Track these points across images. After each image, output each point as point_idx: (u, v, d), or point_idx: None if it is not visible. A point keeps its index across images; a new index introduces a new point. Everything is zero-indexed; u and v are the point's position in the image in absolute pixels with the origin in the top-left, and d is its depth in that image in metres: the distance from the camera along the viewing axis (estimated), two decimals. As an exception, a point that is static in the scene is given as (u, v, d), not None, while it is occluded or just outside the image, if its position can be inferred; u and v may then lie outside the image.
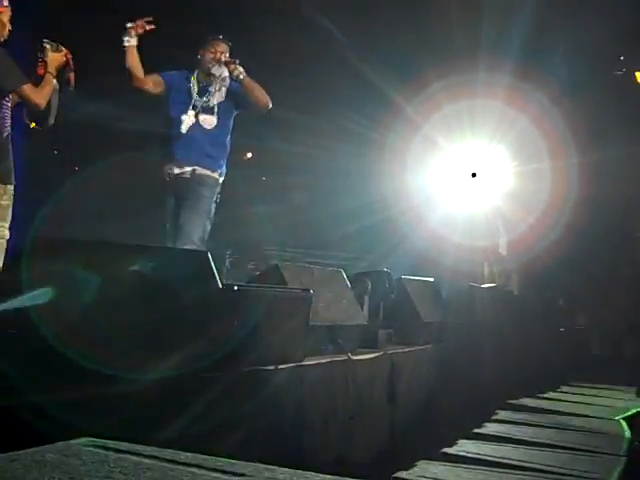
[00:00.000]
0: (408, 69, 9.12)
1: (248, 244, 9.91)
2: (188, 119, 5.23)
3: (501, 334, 6.55)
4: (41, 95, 4.18)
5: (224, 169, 5.38)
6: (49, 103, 4.25)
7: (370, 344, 4.60)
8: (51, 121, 4.34)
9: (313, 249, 9.94)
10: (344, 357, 3.93)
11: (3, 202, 4.13)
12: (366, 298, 4.87)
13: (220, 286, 3.02)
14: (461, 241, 9.82)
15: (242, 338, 3.09)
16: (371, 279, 5.00)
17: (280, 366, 3.36)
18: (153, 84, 5.29)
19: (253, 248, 9.98)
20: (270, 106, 5.36)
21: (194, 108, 5.27)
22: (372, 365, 4.25)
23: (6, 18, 4.19)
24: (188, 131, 5.23)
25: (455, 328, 5.79)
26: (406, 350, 4.92)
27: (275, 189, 11.32)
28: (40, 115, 4.28)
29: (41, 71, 4.26)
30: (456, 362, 5.57)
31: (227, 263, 9.47)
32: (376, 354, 4.40)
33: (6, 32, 4.19)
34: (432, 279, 6.17)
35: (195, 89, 5.34)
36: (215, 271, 3.06)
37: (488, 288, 7.97)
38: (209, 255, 3.09)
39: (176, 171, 5.25)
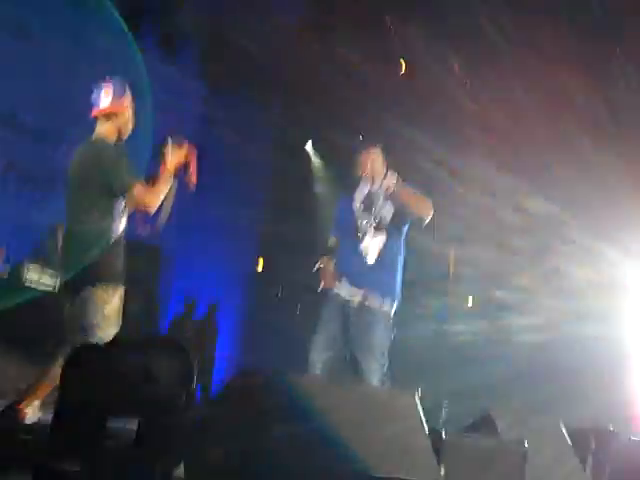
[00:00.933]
0: None
1: (464, 394, 9.58)
2: (353, 241, 4.79)
3: None
4: (152, 196, 3.84)
5: (396, 297, 4.77)
6: (162, 204, 3.89)
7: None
8: (162, 224, 3.96)
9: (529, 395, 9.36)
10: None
11: (113, 304, 3.79)
12: (589, 459, 4.42)
13: (426, 432, 2.90)
14: None
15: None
16: (595, 436, 4.56)
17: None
18: None
19: (468, 398, 9.62)
20: (430, 215, 4.75)
21: (359, 229, 4.82)
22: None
23: (130, 113, 4.02)
24: (352, 254, 4.77)
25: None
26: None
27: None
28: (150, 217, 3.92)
29: (161, 169, 3.91)
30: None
31: (443, 413, 9.19)
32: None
33: (129, 128, 4.05)
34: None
35: (359, 207, 4.88)
36: (422, 416, 2.95)
37: None
38: (417, 398, 3.00)
39: (343, 293, 4.72)
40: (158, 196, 3.84)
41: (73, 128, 4.35)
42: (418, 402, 3.00)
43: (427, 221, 4.76)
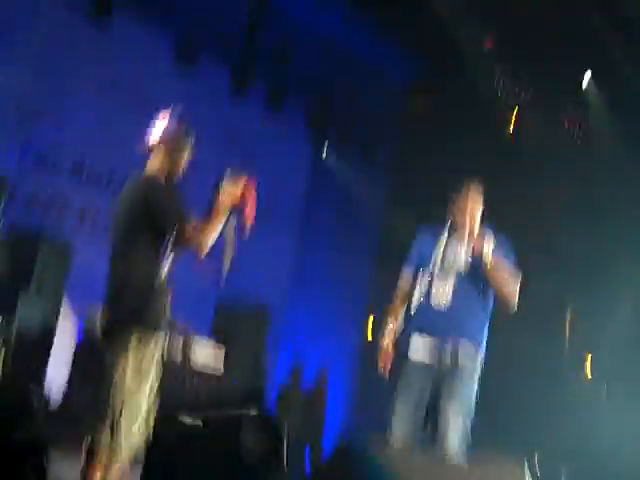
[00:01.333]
0: None
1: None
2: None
3: None
4: (203, 235, 3.45)
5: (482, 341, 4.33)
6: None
7: None
8: (226, 269, 3.57)
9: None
10: None
11: (149, 353, 3.46)
12: None
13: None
14: None
15: None
16: None
17: None
18: None
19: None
20: (514, 309, 4.30)
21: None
22: None
23: (186, 147, 3.74)
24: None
25: None
26: None
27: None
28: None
29: (215, 205, 3.51)
30: None
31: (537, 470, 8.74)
32: None
33: (183, 164, 3.75)
34: None
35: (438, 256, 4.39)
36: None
37: None
38: (525, 467, 2.78)
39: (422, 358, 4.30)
40: (209, 235, 3.45)
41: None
42: (527, 472, 2.77)
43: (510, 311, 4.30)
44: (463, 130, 9.72)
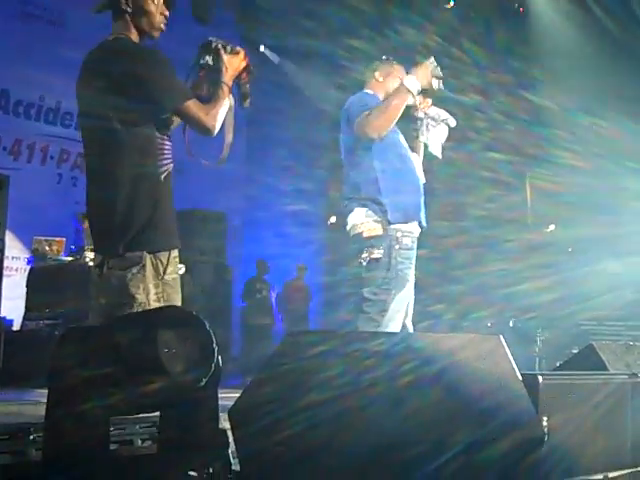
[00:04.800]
0: None
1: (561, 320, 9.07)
2: None
3: None
4: (212, 115, 2.89)
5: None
6: (223, 126, 2.99)
7: None
8: (225, 153, 3.09)
9: (635, 321, 8.74)
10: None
11: (168, 276, 2.90)
12: None
13: (518, 375, 2.44)
14: None
15: (554, 441, 2.46)
16: None
17: (611, 474, 2.67)
18: None
19: (567, 324, 9.11)
20: None
21: None
22: None
23: (153, 8, 2.94)
24: None
25: None
26: None
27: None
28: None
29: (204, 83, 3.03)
30: None
31: (539, 342, 8.81)
32: None
33: (157, 21, 2.96)
34: None
35: None
36: (510, 356, 2.49)
37: None
38: (502, 339, 2.54)
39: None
40: (218, 116, 2.91)
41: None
42: (505, 344, 2.53)
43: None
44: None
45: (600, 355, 3.24)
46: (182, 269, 9.42)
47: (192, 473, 1.76)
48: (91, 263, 8.06)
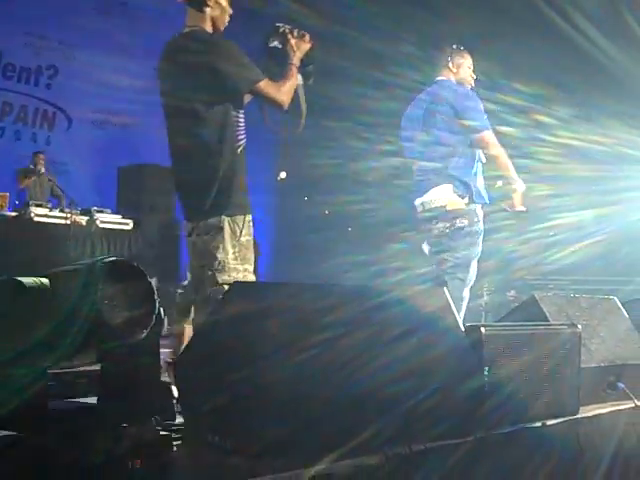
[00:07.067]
0: None
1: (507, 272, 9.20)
2: None
3: None
4: (283, 91, 3.30)
5: None
6: (294, 101, 3.37)
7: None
8: (303, 123, 3.46)
9: (576, 275, 8.92)
10: (630, 405, 3.20)
11: (243, 238, 3.23)
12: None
13: (461, 327, 2.47)
14: None
15: (496, 391, 2.52)
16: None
17: (549, 422, 2.75)
18: None
19: (512, 277, 9.25)
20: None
21: None
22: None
23: (226, 5, 3.38)
24: None
25: None
26: None
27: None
28: (293, 115, 3.42)
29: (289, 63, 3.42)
30: None
31: (485, 296, 8.93)
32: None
33: (226, 18, 3.39)
34: None
35: None
36: (454, 308, 2.53)
37: None
38: (446, 291, 2.57)
39: None
40: (289, 92, 3.34)
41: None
42: (449, 295, 2.57)
43: None
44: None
45: (541, 307, 3.32)
46: (130, 224, 9.61)
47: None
48: (36, 218, 8.06)
